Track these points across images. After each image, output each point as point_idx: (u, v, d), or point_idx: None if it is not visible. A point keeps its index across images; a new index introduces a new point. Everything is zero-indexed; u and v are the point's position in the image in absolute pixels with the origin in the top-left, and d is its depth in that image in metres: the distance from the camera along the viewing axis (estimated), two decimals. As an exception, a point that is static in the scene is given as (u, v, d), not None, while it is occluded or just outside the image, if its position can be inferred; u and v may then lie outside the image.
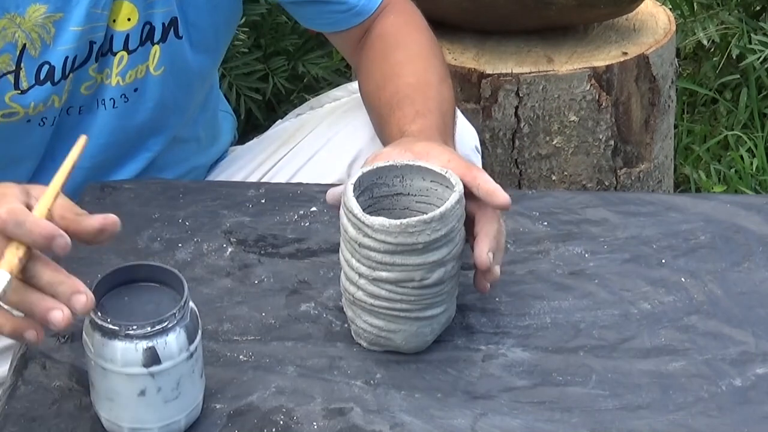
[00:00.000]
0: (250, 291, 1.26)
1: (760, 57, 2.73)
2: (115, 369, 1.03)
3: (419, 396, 1.13)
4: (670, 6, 2.90)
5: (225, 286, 1.26)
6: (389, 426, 1.09)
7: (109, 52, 1.42)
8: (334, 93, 1.68)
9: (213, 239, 1.33)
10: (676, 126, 2.55)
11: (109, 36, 1.41)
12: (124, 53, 1.42)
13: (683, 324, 1.21)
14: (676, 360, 1.17)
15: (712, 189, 2.61)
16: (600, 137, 2.15)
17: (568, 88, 2.10)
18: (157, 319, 1.03)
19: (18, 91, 1.38)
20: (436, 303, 1.16)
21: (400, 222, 1.11)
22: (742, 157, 2.71)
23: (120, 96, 1.45)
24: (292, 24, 2.68)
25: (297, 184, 1.46)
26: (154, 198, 1.40)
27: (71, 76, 1.39)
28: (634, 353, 1.18)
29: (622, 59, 2.14)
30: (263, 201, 1.39)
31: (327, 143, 1.55)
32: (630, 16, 2.25)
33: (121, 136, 1.48)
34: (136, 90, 1.45)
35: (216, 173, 1.67)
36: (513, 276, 1.27)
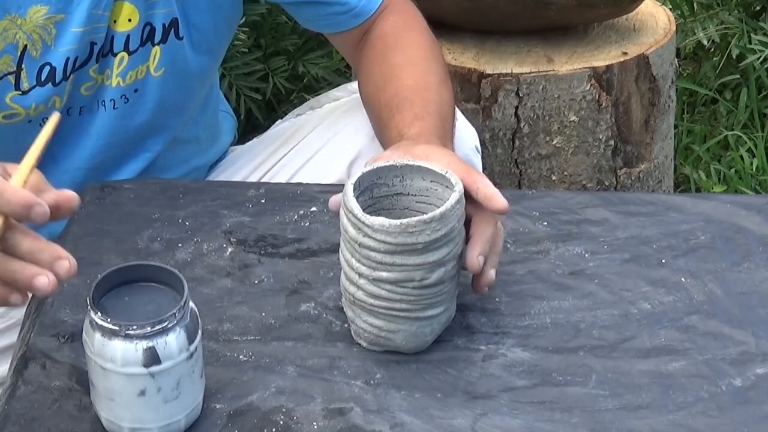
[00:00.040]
0: (250, 291, 1.26)
1: (760, 57, 2.73)
2: (115, 369, 1.03)
3: (419, 396, 1.13)
4: (670, 6, 2.90)
5: (225, 286, 1.26)
6: (389, 426, 1.09)
7: (110, 52, 1.42)
8: (334, 93, 1.68)
9: (213, 239, 1.33)
10: (676, 126, 2.55)
11: (110, 37, 1.41)
12: (124, 54, 1.42)
13: (683, 324, 1.21)
14: (676, 360, 1.17)
15: (712, 189, 2.61)
16: (600, 137, 2.15)
17: (568, 88, 2.10)
18: (157, 319, 1.03)
19: (19, 92, 1.38)
20: (436, 303, 1.16)
21: (400, 222, 1.11)
22: (742, 157, 2.71)
23: (120, 97, 1.45)
24: (292, 24, 2.68)
25: (297, 184, 1.46)
26: (154, 198, 1.40)
27: (72, 77, 1.40)
28: (634, 353, 1.18)
29: (622, 59, 2.13)
30: (263, 201, 1.39)
31: (327, 143, 1.55)
32: (630, 16, 2.25)
33: (121, 136, 1.48)
34: (136, 91, 1.45)
35: (216, 173, 1.67)
36: (513, 276, 1.27)
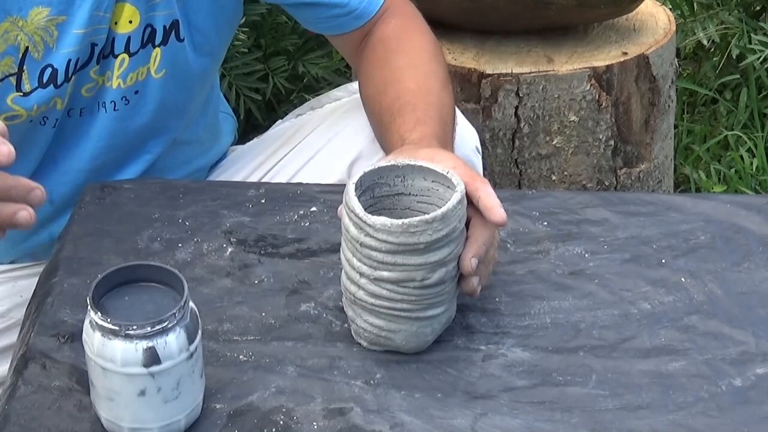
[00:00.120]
0: (250, 291, 1.26)
1: (760, 57, 2.73)
2: (115, 369, 1.03)
3: (419, 396, 1.13)
4: (670, 6, 2.90)
5: (225, 286, 1.26)
6: (389, 426, 1.09)
7: (111, 54, 1.42)
8: (334, 93, 1.67)
9: (213, 239, 1.33)
10: (676, 126, 2.55)
11: (111, 38, 1.41)
12: (125, 56, 1.42)
13: (683, 324, 1.21)
14: (676, 360, 1.17)
15: (712, 189, 2.60)
16: (600, 137, 2.15)
17: (568, 88, 2.10)
18: (157, 319, 1.03)
19: (20, 94, 1.38)
20: (436, 303, 1.16)
21: (401, 222, 1.11)
22: (742, 157, 2.71)
23: (121, 98, 1.45)
24: (292, 24, 2.67)
25: (297, 184, 1.46)
26: (154, 198, 1.40)
27: (73, 78, 1.39)
28: (634, 353, 1.18)
29: (622, 59, 2.13)
30: (263, 201, 1.39)
31: (327, 143, 1.55)
32: (630, 16, 2.25)
33: (122, 138, 1.48)
34: (136, 92, 1.45)
35: (216, 173, 1.66)
36: (513, 276, 1.27)
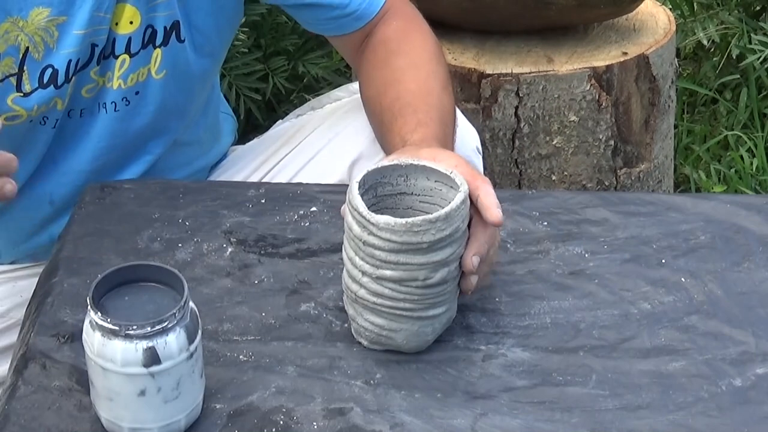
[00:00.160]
0: (250, 291, 1.26)
1: (760, 57, 2.73)
2: (115, 369, 1.03)
3: (419, 396, 1.13)
4: (670, 6, 2.90)
5: (225, 286, 1.26)
6: (389, 426, 1.09)
7: (111, 55, 1.42)
8: (335, 93, 1.67)
9: (213, 239, 1.33)
10: (676, 126, 2.55)
11: (112, 39, 1.41)
12: (126, 56, 1.42)
13: (683, 324, 1.21)
14: (676, 360, 1.17)
15: (712, 189, 2.60)
16: (600, 137, 2.15)
17: (568, 88, 2.10)
18: (157, 319, 1.03)
19: (21, 94, 1.37)
20: (438, 302, 1.16)
21: (405, 221, 1.11)
22: (742, 157, 2.71)
23: (121, 99, 1.45)
24: (292, 24, 2.67)
25: (297, 184, 1.46)
26: (154, 198, 1.40)
27: (73, 79, 1.39)
28: (634, 353, 1.18)
29: (622, 59, 2.13)
30: (263, 201, 1.39)
31: (328, 144, 1.55)
32: (630, 16, 2.25)
33: (122, 139, 1.48)
34: (137, 93, 1.45)
35: (217, 174, 1.66)
36: (513, 276, 1.27)
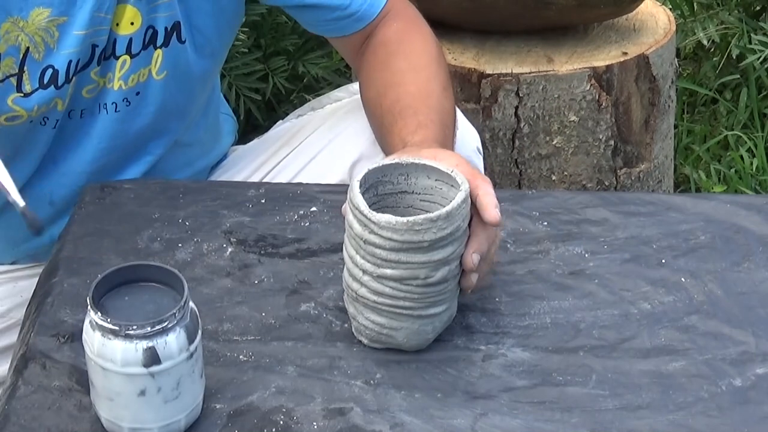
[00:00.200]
0: (250, 291, 1.26)
1: (760, 57, 2.73)
2: (115, 369, 1.03)
3: (419, 396, 1.13)
4: (670, 6, 2.90)
5: (225, 286, 1.26)
6: (389, 426, 1.09)
7: (112, 55, 1.42)
8: (335, 94, 1.67)
9: (213, 239, 1.33)
10: (676, 126, 2.55)
11: (112, 40, 1.41)
12: (126, 57, 1.42)
13: (683, 324, 1.21)
14: (676, 360, 1.17)
15: (712, 189, 2.60)
16: (600, 137, 2.15)
17: (568, 88, 2.10)
18: (157, 319, 1.03)
19: (21, 94, 1.37)
20: (439, 301, 1.16)
21: (406, 219, 1.11)
22: (742, 157, 2.71)
23: (122, 100, 1.45)
24: (292, 24, 2.67)
25: (297, 184, 1.46)
26: (154, 198, 1.40)
27: (74, 79, 1.39)
28: (634, 353, 1.18)
29: (622, 59, 2.13)
30: (263, 201, 1.39)
31: (328, 144, 1.55)
32: (630, 16, 2.25)
33: (123, 140, 1.48)
34: (138, 94, 1.45)
35: (217, 174, 1.66)
36: (513, 276, 1.27)
